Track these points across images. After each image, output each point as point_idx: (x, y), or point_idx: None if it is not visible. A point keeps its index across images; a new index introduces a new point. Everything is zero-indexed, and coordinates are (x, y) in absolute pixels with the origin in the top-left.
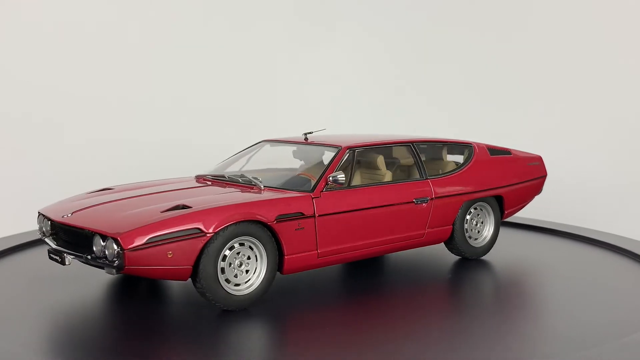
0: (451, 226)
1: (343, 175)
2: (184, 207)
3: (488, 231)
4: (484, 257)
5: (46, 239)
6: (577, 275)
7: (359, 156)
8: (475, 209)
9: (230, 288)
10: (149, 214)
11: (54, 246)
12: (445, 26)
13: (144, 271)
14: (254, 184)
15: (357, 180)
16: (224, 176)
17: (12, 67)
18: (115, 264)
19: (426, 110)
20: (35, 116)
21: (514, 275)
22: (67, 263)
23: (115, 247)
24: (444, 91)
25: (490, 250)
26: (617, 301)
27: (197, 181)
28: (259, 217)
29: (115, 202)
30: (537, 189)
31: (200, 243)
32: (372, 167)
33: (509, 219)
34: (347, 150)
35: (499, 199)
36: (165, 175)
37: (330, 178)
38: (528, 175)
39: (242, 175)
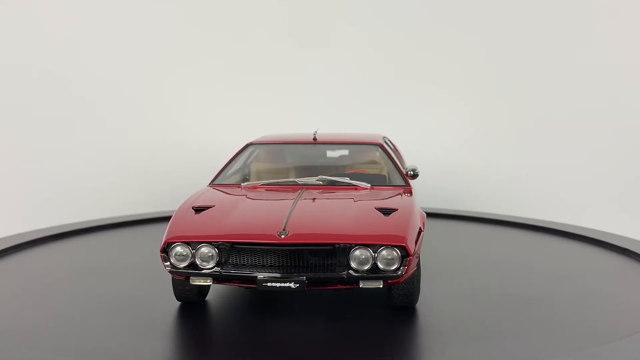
0: None
1: (417, 167)
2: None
3: None
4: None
5: (204, 270)
6: (576, 275)
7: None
8: None
9: None
10: (377, 218)
11: (267, 274)
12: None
13: (405, 278)
14: (357, 185)
15: None
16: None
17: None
18: (398, 273)
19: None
20: (33, 114)
21: (514, 277)
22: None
23: (398, 254)
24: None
25: (491, 252)
26: (617, 301)
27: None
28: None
29: (296, 213)
30: None
31: (420, 242)
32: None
33: (507, 219)
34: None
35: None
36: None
37: (411, 172)
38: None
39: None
